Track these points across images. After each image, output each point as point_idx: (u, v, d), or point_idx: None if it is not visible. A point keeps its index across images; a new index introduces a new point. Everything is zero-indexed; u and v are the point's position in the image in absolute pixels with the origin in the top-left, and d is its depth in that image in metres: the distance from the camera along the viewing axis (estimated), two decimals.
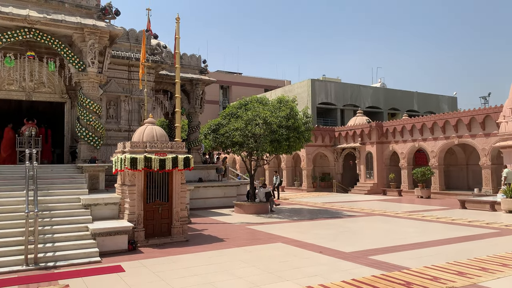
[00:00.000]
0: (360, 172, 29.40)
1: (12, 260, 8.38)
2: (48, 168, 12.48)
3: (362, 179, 29.15)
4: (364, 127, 28.82)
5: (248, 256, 9.38)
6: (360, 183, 29.15)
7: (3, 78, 14.26)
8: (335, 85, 41.79)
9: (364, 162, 29.02)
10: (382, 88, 46.45)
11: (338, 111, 41.31)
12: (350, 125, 30.72)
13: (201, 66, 21.93)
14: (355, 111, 37.50)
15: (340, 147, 30.64)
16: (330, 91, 40.70)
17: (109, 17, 13.80)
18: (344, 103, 41.52)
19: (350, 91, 41.95)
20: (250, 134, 15.67)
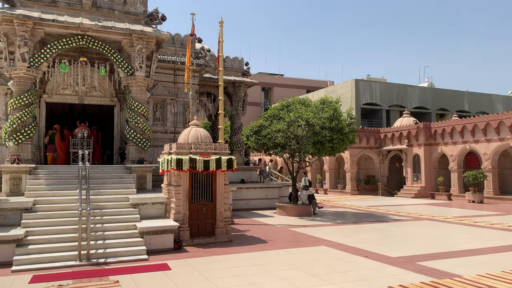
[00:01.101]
0: (406, 175, 28.42)
1: (66, 256, 8.86)
2: (99, 169, 13.05)
3: (409, 182, 28.16)
4: (411, 128, 27.84)
5: (291, 258, 9.33)
6: (407, 187, 28.18)
7: (58, 83, 15.10)
8: (380, 85, 40.71)
9: (411, 164, 28.03)
10: (430, 87, 44.72)
11: (384, 112, 40.20)
12: (396, 126, 29.79)
13: (243, 69, 22.13)
14: (402, 111, 36.32)
15: (386, 149, 29.79)
16: (375, 91, 39.71)
17: (155, 23, 14.26)
18: (389, 103, 40.35)
19: (396, 91, 40.71)
20: (292, 136, 15.60)
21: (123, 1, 14.05)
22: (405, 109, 34.78)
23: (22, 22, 12.03)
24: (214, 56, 20.23)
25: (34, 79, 12.75)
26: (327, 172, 32.09)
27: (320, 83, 56.47)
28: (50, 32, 12.79)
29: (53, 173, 12.20)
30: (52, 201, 10.73)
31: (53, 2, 13.11)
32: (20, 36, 12.10)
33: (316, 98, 26.07)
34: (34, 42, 12.49)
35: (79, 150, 12.83)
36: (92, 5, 13.49)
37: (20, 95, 12.29)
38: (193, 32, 18.10)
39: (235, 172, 13.47)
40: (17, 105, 12.22)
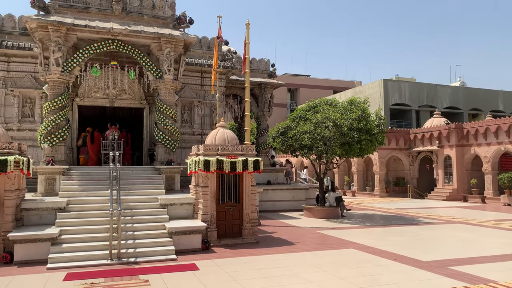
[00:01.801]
0: (437, 177, 27.66)
1: (98, 255, 9.10)
2: (129, 170, 13.35)
3: (440, 185, 27.39)
4: (442, 129, 27.08)
5: (319, 261, 9.25)
6: (438, 189, 27.41)
7: (90, 86, 15.56)
8: (410, 85, 39.80)
9: (442, 166, 27.26)
10: (462, 87, 43.38)
11: (413, 113, 39.28)
12: (427, 127, 29.04)
13: (270, 70, 22.13)
14: (432, 112, 35.38)
15: (416, 150, 29.09)
16: (404, 91, 38.85)
17: (183, 26, 14.47)
18: (419, 104, 39.39)
19: (426, 91, 39.71)
20: (319, 137, 15.47)
21: (151, 6, 14.34)
22: (435, 110, 33.87)
23: (56, 28, 12.47)
24: (240, 58, 20.34)
25: (67, 83, 13.19)
26: (355, 173, 31.64)
27: (347, 83, 55.79)
28: (82, 37, 13.20)
29: (85, 174, 12.57)
30: (84, 201, 11.05)
31: (85, 8, 13.53)
32: (55, 42, 12.55)
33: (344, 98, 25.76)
34: (67, 47, 12.92)
35: (110, 152, 13.20)
36: (122, 10, 13.84)
37: (54, 98, 12.73)
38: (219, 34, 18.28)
39: (261, 173, 13.52)
40: (51, 108, 12.67)
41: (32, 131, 15.07)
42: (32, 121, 15.29)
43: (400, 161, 30.39)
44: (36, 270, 8.34)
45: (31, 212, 10.21)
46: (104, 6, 13.73)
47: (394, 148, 29.45)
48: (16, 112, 15.13)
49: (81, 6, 13.47)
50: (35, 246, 9.01)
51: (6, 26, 15.50)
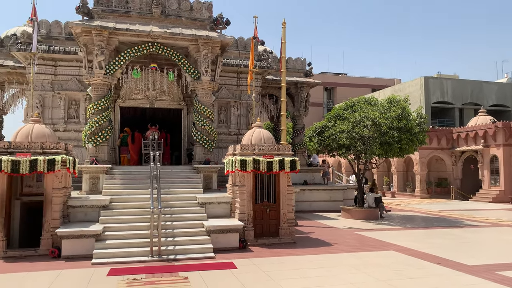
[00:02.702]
0: (483, 177, 26.42)
1: (140, 251, 9.38)
2: (168, 169, 13.66)
3: (486, 186, 26.14)
4: (488, 128, 25.83)
5: (358, 262, 9.08)
6: (483, 190, 26.17)
7: (131, 88, 16.06)
8: (452, 82, 38.26)
9: (488, 166, 26.00)
10: (510, 83, 41.20)
11: (456, 111, 37.72)
12: (471, 126, 27.80)
13: (306, 69, 21.96)
14: (477, 110, 33.84)
15: (459, 150, 27.93)
16: (447, 89, 37.39)
17: (220, 28, 14.64)
18: (463, 101, 37.79)
19: (470, 88, 38.02)
20: (357, 137, 15.18)
21: (189, 8, 14.61)
22: (480, 107, 32.38)
23: (99, 32, 12.97)
24: (276, 57, 20.33)
25: (110, 85, 13.68)
26: (394, 174, 30.81)
27: (386, 81, 54.40)
28: (123, 40, 13.65)
29: (127, 173, 12.99)
30: (126, 199, 11.42)
31: (126, 13, 13.98)
32: (98, 46, 13.05)
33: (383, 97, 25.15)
34: (109, 50, 13.40)
35: (150, 152, 13.58)
36: (161, 13, 14.18)
37: (98, 100, 13.24)
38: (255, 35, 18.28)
39: (298, 173, 13.45)
40: (95, 109, 13.18)
41: (77, 132, 15.75)
42: (77, 122, 15.98)
43: (442, 161, 29.28)
44: (81, 265, 8.71)
45: (77, 209, 10.68)
46: (144, 10, 14.13)
47: (436, 148, 28.43)
48: (63, 113, 15.87)
49: (122, 11, 13.93)
50: (80, 242, 9.41)
51: (53, 31, 16.30)
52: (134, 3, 14.05)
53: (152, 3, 14.02)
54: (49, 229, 9.69)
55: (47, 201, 9.83)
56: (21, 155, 9.50)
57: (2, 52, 17.56)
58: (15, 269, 8.40)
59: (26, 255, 9.46)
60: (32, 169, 9.40)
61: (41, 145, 9.89)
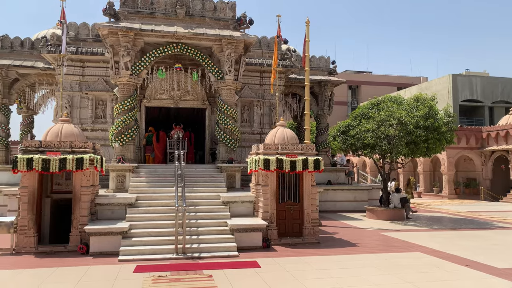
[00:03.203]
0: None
1: (165, 249, 9.51)
2: (192, 168, 13.80)
3: None
4: None
5: (383, 263, 8.93)
6: None
7: (156, 88, 16.32)
8: (482, 80, 37.06)
9: None
10: None
11: (486, 109, 36.53)
12: (502, 125, 26.88)
13: (330, 68, 21.74)
14: (508, 108, 32.68)
15: (489, 149, 27.07)
16: (476, 86, 36.26)
17: (243, 27, 14.68)
18: (493, 99, 36.56)
19: (501, 86, 36.75)
20: (383, 136, 14.92)
21: (213, 8, 14.70)
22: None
23: (125, 34, 13.22)
24: (299, 56, 20.21)
25: (136, 85, 13.93)
26: (421, 174, 30.15)
27: (412, 79, 53.28)
28: (148, 41, 13.86)
29: (152, 171, 13.20)
30: (152, 197, 11.60)
31: (151, 14, 14.19)
32: (124, 47, 13.30)
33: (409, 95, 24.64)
34: (135, 51, 13.63)
35: (175, 151, 13.76)
36: (185, 14, 14.33)
37: (124, 100, 13.50)
38: (279, 33, 18.25)
39: (321, 173, 13.33)
40: (121, 109, 13.45)
41: (104, 131, 16.12)
42: (104, 122, 16.36)
43: (471, 161, 28.46)
44: (108, 261, 8.90)
45: (104, 207, 10.93)
46: (169, 11, 14.30)
47: (465, 147, 27.64)
48: (90, 113, 16.28)
49: (147, 12, 14.15)
50: (108, 238, 9.63)
51: (81, 33, 16.73)
52: (159, 4, 14.24)
53: (177, 4, 14.18)
54: (78, 226, 9.96)
55: (75, 199, 10.10)
56: (51, 154, 9.79)
57: (33, 54, 18.18)
58: (46, 264, 8.67)
59: (56, 250, 9.75)
60: (62, 167, 9.67)
61: (70, 144, 10.17)
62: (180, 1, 14.15)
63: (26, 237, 9.72)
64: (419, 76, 55.04)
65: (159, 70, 14.76)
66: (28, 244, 9.70)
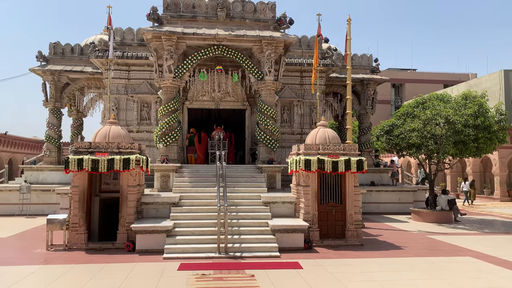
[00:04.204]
0: None
1: (207, 248, 9.67)
2: (233, 168, 13.95)
3: None
4: None
5: (430, 267, 8.59)
6: None
7: (198, 90, 16.64)
8: None
9: None
10: None
11: None
12: None
13: (372, 66, 21.23)
14: None
15: None
16: None
17: (283, 27, 14.64)
18: None
19: None
20: (429, 135, 14.37)
21: (253, 10, 14.78)
22: None
23: (168, 37, 13.57)
24: (340, 55, 19.89)
25: (178, 87, 14.26)
26: (470, 175, 28.70)
27: (459, 76, 50.94)
28: (190, 44, 14.16)
29: (194, 171, 13.47)
30: (194, 197, 11.83)
31: (193, 17, 14.48)
32: (167, 50, 13.66)
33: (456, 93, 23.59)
34: (178, 54, 13.97)
35: (216, 151, 13.97)
36: (226, 16, 14.50)
37: (168, 102, 13.87)
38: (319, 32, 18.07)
39: (364, 174, 13.06)
40: (165, 111, 13.82)
41: (148, 133, 16.64)
42: (149, 124, 16.89)
43: None
44: (154, 259, 9.17)
45: (149, 205, 11.27)
46: (210, 14, 14.53)
47: None
48: (135, 115, 16.86)
49: (189, 15, 14.45)
50: (153, 237, 9.92)
51: (126, 38, 17.36)
52: (201, 8, 14.50)
53: (217, 7, 14.38)
54: (125, 224, 10.34)
55: (122, 198, 10.49)
56: (99, 155, 10.24)
57: (82, 59, 19.10)
58: (95, 260, 9.07)
59: (105, 247, 10.18)
60: (110, 167, 10.09)
61: (118, 145, 10.57)
62: (220, 4, 14.34)
63: (77, 234, 10.22)
64: (467, 73, 52.53)
65: (200, 72, 15.04)
66: (79, 240, 10.19)
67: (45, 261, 8.95)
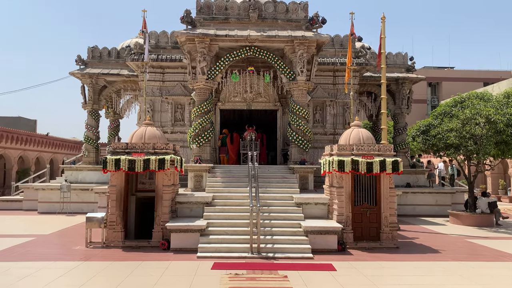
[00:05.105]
0: None
1: (240, 247, 9.73)
2: (265, 169, 13.97)
3: None
4: None
5: (469, 273, 8.28)
6: None
7: (230, 91, 16.79)
8: None
9: None
10: None
11: None
12: None
13: (408, 64, 20.69)
14: None
15: None
16: None
17: (316, 27, 14.52)
18: None
19: None
20: (468, 135, 13.84)
21: (285, 10, 14.75)
22: None
23: (201, 40, 13.77)
24: (374, 53, 19.50)
25: (211, 89, 14.44)
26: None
27: (501, 73, 48.77)
28: (223, 46, 14.30)
29: (227, 172, 13.59)
30: (227, 197, 11.94)
31: (225, 19, 14.61)
32: (200, 52, 13.87)
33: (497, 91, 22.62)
34: (210, 56, 14.14)
35: (248, 152, 14.04)
36: (258, 17, 14.54)
37: (201, 104, 14.07)
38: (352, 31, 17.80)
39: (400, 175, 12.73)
40: (198, 112, 14.03)
41: (182, 134, 16.94)
42: (182, 125, 17.19)
43: None
44: (188, 258, 9.32)
45: (183, 205, 11.47)
46: (242, 15, 14.62)
47: None
48: (170, 116, 17.21)
49: (222, 18, 14.60)
50: (187, 235, 10.09)
51: (161, 41, 17.74)
52: (233, 9, 14.62)
53: (249, 8, 14.45)
54: (160, 222, 10.57)
55: (158, 197, 10.73)
56: (136, 155, 10.52)
57: (118, 62, 19.70)
58: (132, 257, 9.32)
59: (141, 245, 10.44)
60: (145, 167, 10.34)
61: (153, 146, 10.83)
62: (252, 5, 14.40)
63: (115, 232, 10.53)
64: (509, 70, 50.23)
65: (233, 73, 15.17)
66: (116, 238, 10.51)
67: (85, 258, 9.28)
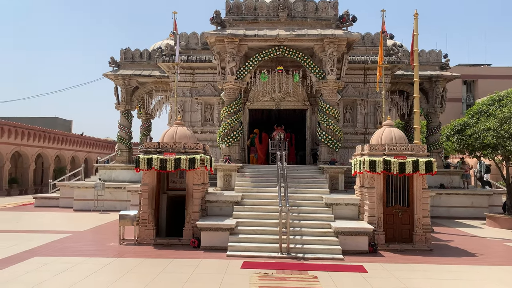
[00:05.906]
0: None
1: (269, 247, 9.73)
2: (294, 168, 13.90)
3: None
4: None
5: (508, 278, 7.95)
6: None
7: (259, 91, 16.82)
8: None
9: None
10: None
11: None
12: None
13: (441, 62, 20.07)
14: None
15: None
16: None
17: (346, 25, 14.31)
18: None
19: None
20: (507, 135, 13.30)
21: (315, 8, 14.62)
22: None
23: (231, 40, 13.85)
24: (406, 51, 19.06)
25: (240, 89, 14.51)
26: None
27: None
28: (252, 46, 14.33)
29: (256, 171, 13.62)
30: (256, 196, 11.96)
31: (255, 19, 14.64)
32: (229, 53, 13.95)
33: None
34: (239, 56, 14.20)
35: (276, 151, 14.02)
36: (287, 16, 14.48)
37: (230, 104, 14.16)
38: (383, 29, 17.45)
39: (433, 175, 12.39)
40: (227, 112, 14.13)
41: (212, 133, 17.10)
42: (212, 124, 17.36)
43: None
44: (218, 256, 9.41)
45: (213, 204, 11.59)
46: (271, 15, 14.61)
47: None
48: (199, 116, 17.41)
49: (251, 18, 14.64)
50: (217, 234, 10.19)
51: (191, 42, 17.98)
52: (262, 9, 14.63)
53: (279, 8, 14.41)
54: (190, 221, 10.72)
55: (188, 196, 10.89)
56: (167, 154, 10.71)
57: (150, 64, 20.11)
58: (163, 255, 9.50)
59: (172, 243, 10.62)
60: (176, 166, 10.52)
61: (184, 145, 10.99)
62: (282, 5, 14.36)
63: (147, 230, 10.76)
64: None
65: (261, 73, 15.17)
66: (148, 236, 10.74)
67: (118, 254, 9.54)
